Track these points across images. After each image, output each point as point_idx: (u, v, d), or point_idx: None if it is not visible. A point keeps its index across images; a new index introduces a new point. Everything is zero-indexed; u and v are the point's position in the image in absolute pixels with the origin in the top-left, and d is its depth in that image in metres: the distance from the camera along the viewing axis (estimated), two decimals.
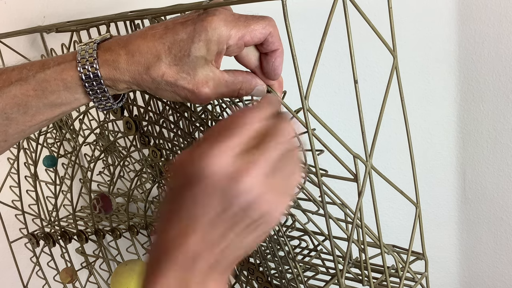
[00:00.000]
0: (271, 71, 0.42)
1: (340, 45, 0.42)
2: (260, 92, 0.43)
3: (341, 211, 0.51)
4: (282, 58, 0.41)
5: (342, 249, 0.52)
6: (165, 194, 0.32)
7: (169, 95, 0.40)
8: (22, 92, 0.39)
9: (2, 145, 0.42)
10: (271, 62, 0.41)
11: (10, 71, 0.40)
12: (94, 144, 0.69)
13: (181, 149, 0.57)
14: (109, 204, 0.68)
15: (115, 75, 0.39)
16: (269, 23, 0.39)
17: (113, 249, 0.78)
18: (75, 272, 0.79)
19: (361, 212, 0.46)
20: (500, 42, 0.77)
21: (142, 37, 0.38)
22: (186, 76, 0.38)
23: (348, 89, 0.86)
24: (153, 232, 0.27)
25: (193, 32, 0.37)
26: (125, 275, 0.60)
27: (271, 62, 0.41)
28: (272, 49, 0.40)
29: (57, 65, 0.39)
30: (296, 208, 0.54)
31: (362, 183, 0.43)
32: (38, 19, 0.76)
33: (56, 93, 0.39)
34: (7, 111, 0.39)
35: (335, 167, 0.44)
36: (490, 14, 0.77)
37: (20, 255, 0.84)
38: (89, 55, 0.39)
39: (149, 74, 0.38)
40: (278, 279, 0.57)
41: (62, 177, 0.74)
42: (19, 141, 0.45)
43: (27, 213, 0.81)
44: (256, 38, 0.39)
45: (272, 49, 0.40)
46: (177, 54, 0.38)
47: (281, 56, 0.41)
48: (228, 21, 0.38)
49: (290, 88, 0.45)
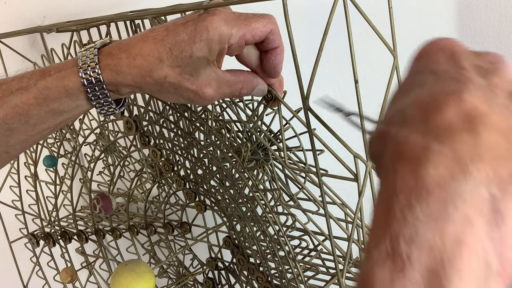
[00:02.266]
0: (271, 69, 0.42)
1: (341, 45, 0.42)
2: (261, 91, 0.43)
3: (342, 211, 0.51)
4: (282, 56, 0.41)
5: (342, 249, 0.52)
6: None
7: (172, 97, 0.40)
8: (23, 101, 0.38)
9: (4, 156, 0.41)
10: (271, 60, 0.41)
11: (10, 81, 0.39)
12: (94, 144, 0.69)
13: (181, 149, 0.57)
14: (109, 204, 0.68)
15: (118, 79, 0.39)
16: (270, 21, 0.39)
17: (113, 249, 0.78)
18: (75, 272, 0.79)
19: (362, 212, 0.46)
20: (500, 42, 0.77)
21: (143, 40, 0.38)
22: (189, 77, 0.38)
23: (348, 89, 0.86)
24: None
25: (194, 32, 0.37)
26: (125, 275, 0.60)
27: (271, 60, 0.41)
28: (273, 46, 0.40)
29: (58, 72, 0.39)
30: (296, 208, 0.54)
31: (362, 183, 0.43)
32: (38, 19, 0.76)
33: (58, 100, 0.39)
34: (8, 121, 0.38)
35: (335, 167, 0.44)
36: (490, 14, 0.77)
37: (20, 255, 0.84)
38: (90, 60, 0.38)
39: (151, 76, 0.38)
40: (278, 279, 0.57)
41: (62, 177, 0.74)
42: (21, 152, 0.44)
43: (27, 213, 0.81)
44: (257, 36, 0.39)
45: (273, 46, 0.40)
46: (179, 55, 0.37)
47: (281, 54, 0.41)
48: (228, 20, 0.38)
49: (291, 88, 0.45)
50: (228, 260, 0.64)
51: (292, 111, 0.43)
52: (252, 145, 0.51)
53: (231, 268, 0.65)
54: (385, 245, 0.19)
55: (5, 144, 0.40)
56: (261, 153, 0.53)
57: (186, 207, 0.66)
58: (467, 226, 0.18)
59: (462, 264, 0.18)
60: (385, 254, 0.19)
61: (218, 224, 0.65)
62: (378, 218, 0.20)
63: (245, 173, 0.51)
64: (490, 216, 0.18)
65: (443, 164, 0.19)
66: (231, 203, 0.56)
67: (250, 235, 0.56)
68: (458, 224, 0.18)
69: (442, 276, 0.18)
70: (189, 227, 0.68)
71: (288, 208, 0.54)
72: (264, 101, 0.45)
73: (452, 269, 0.18)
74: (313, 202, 0.53)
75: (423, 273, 0.18)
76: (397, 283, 0.18)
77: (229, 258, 0.63)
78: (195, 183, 0.60)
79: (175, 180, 0.60)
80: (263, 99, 0.45)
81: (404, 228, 0.18)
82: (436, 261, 0.18)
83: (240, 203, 0.54)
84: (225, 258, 0.66)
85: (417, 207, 0.18)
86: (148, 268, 0.62)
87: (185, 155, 0.57)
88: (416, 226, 0.18)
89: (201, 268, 0.70)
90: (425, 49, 0.25)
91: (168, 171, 0.60)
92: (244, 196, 0.53)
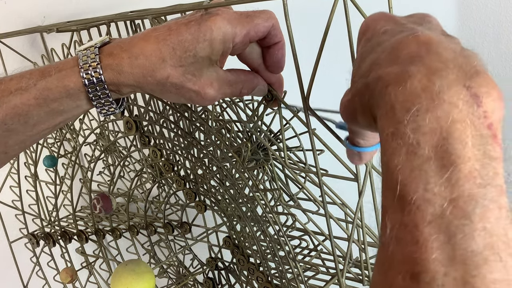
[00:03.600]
0: (275, 64, 0.42)
1: (341, 44, 0.42)
2: (261, 91, 0.43)
3: (342, 211, 0.51)
4: (284, 50, 0.42)
5: (342, 249, 0.52)
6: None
7: (173, 97, 0.40)
8: (23, 102, 0.38)
9: (2, 157, 0.41)
10: (274, 54, 0.41)
11: (8, 81, 0.39)
12: (94, 144, 0.69)
13: (181, 149, 0.57)
14: (109, 204, 0.68)
15: (119, 79, 0.38)
16: (270, 16, 0.39)
17: (113, 249, 0.78)
18: (75, 272, 0.79)
19: (362, 212, 0.46)
20: (500, 42, 0.77)
21: (145, 40, 0.38)
22: (192, 77, 0.38)
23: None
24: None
25: (198, 32, 0.37)
26: (125, 275, 0.60)
27: (274, 54, 0.41)
28: (275, 41, 0.40)
29: (58, 72, 0.38)
30: (296, 208, 0.54)
31: (362, 183, 0.43)
32: (38, 19, 0.76)
33: (58, 101, 0.38)
34: (7, 121, 0.38)
35: (335, 167, 0.44)
36: (490, 14, 0.77)
37: (20, 255, 0.84)
38: (91, 60, 0.38)
39: (154, 77, 0.38)
40: (278, 279, 0.57)
41: (62, 177, 0.74)
42: (19, 153, 0.43)
43: (27, 213, 0.81)
44: (260, 33, 0.39)
45: (275, 41, 0.40)
46: (182, 55, 0.37)
47: (283, 48, 0.41)
48: (231, 19, 0.38)
49: (291, 88, 0.45)
50: (228, 260, 0.64)
51: (293, 111, 0.43)
52: (252, 145, 0.51)
53: (231, 268, 0.65)
54: (396, 140, 0.24)
55: (3, 144, 0.40)
56: (261, 153, 0.53)
57: (186, 207, 0.66)
58: (454, 108, 0.23)
59: (459, 133, 0.23)
60: (399, 145, 0.24)
61: (218, 224, 0.65)
62: (385, 126, 0.25)
63: (245, 173, 0.51)
64: (470, 99, 0.23)
65: (421, 76, 0.24)
66: (231, 203, 0.56)
67: (250, 235, 0.56)
68: (447, 108, 0.23)
69: (446, 146, 0.23)
70: (189, 227, 0.68)
71: (288, 208, 0.54)
72: (264, 101, 0.45)
73: (453, 138, 0.23)
74: (313, 202, 0.53)
75: (429, 149, 0.23)
76: (412, 161, 0.23)
77: (229, 258, 0.63)
78: (195, 183, 0.60)
79: (175, 180, 0.60)
80: (263, 99, 0.45)
81: (408, 124, 0.24)
82: (438, 137, 0.23)
83: (240, 203, 0.54)
84: (225, 258, 0.66)
85: (413, 108, 0.24)
86: (148, 268, 0.62)
87: (185, 155, 0.57)
88: (417, 119, 0.24)
89: (201, 268, 0.70)
90: (366, 23, 0.31)
91: (168, 171, 0.60)
92: (244, 196, 0.53)
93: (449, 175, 0.22)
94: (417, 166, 0.23)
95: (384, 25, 0.30)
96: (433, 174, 0.23)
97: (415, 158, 0.23)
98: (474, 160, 0.22)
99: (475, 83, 0.24)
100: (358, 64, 0.30)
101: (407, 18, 0.31)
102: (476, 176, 0.22)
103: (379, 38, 0.29)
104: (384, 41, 0.28)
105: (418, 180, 0.23)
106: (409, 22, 0.30)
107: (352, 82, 0.31)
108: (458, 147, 0.23)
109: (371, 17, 0.32)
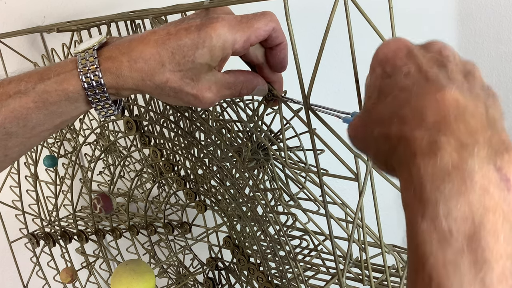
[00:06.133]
0: (277, 64, 0.42)
1: (341, 44, 0.42)
2: (261, 91, 0.44)
3: (342, 211, 0.51)
4: (287, 50, 0.42)
5: (342, 249, 0.52)
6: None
7: (172, 100, 0.40)
8: (22, 105, 0.38)
9: (2, 160, 0.41)
10: (277, 55, 0.41)
11: (7, 84, 0.39)
12: (95, 144, 0.69)
13: (181, 149, 0.57)
14: (109, 204, 0.68)
15: (119, 83, 0.38)
16: (271, 19, 0.39)
17: (113, 249, 0.78)
18: (75, 272, 0.79)
19: (362, 212, 0.46)
20: (500, 42, 0.77)
21: (144, 43, 0.38)
22: (190, 81, 0.38)
23: (349, 89, 0.85)
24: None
25: (197, 39, 0.37)
26: (125, 275, 0.60)
27: (277, 55, 0.41)
28: (277, 43, 0.41)
29: (57, 76, 0.38)
30: (296, 207, 0.54)
31: (363, 183, 0.43)
32: (38, 19, 0.76)
33: (57, 104, 0.39)
34: (6, 125, 0.38)
35: (336, 167, 0.44)
36: (490, 14, 0.77)
37: (20, 255, 0.84)
38: (90, 64, 0.38)
39: (153, 81, 0.38)
40: (278, 279, 0.57)
41: (62, 177, 0.74)
42: (20, 155, 0.43)
43: (27, 213, 0.81)
44: (261, 36, 0.39)
45: (277, 43, 0.41)
46: (180, 60, 0.37)
47: (286, 48, 0.42)
48: (232, 25, 0.37)
49: (291, 88, 0.45)
50: (228, 260, 0.64)
51: (293, 110, 0.43)
52: (252, 145, 0.51)
53: (231, 268, 0.65)
54: (426, 221, 0.23)
55: (3, 147, 0.40)
56: (262, 152, 0.53)
57: (186, 207, 0.66)
58: (486, 194, 0.22)
59: (491, 225, 0.22)
60: (429, 230, 0.23)
61: (218, 224, 0.65)
62: (413, 203, 0.24)
63: (245, 173, 0.51)
64: (501, 184, 0.23)
65: (452, 151, 0.23)
66: (231, 203, 0.56)
67: (250, 235, 0.56)
68: (479, 194, 0.22)
69: (479, 239, 0.22)
70: (189, 227, 0.68)
71: (288, 208, 0.54)
72: (265, 101, 0.45)
73: (485, 231, 0.22)
74: (313, 202, 0.53)
75: (462, 240, 0.22)
76: (445, 253, 0.22)
77: (229, 258, 0.63)
78: (196, 183, 0.60)
79: (175, 180, 0.60)
80: (263, 99, 0.45)
81: (440, 207, 0.22)
82: (470, 226, 0.22)
83: (240, 203, 0.54)
84: (225, 258, 0.66)
85: (444, 187, 0.23)
86: (148, 268, 0.62)
87: (185, 155, 0.57)
88: (448, 204, 0.22)
89: (201, 268, 0.70)
90: (385, 55, 0.30)
91: (168, 171, 0.60)
92: (245, 196, 0.53)
93: (483, 275, 0.22)
94: (450, 261, 0.22)
95: (406, 62, 0.29)
96: (466, 272, 0.22)
97: (448, 250, 0.22)
98: (505, 258, 0.22)
99: (505, 163, 0.23)
100: (377, 98, 0.29)
101: (424, 53, 0.29)
102: (508, 277, 0.22)
103: (401, 82, 0.28)
104: (406, 87, 0.27)
105: (452, 279, 0.22)
106: (428, 60, 0.28)
107: (367, 113, 0.30)
108: (491, 241, 0.22)
109: (390, 47, 0.30)
